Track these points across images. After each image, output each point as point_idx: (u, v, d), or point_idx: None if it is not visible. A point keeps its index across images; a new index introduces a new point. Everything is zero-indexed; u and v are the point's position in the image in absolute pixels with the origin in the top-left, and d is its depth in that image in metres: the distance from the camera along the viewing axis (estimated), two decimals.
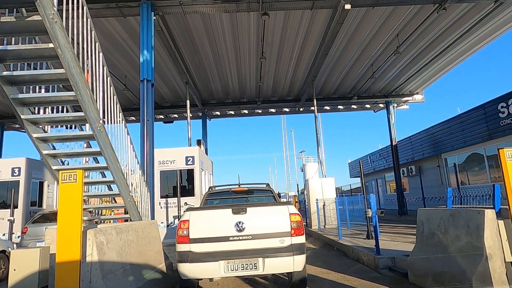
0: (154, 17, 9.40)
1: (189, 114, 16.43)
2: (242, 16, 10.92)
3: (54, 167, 5.32)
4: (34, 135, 4.89)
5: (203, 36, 12.10)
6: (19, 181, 13.39)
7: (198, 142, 16.20)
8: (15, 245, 8.61)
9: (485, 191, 9.67)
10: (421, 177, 19.53)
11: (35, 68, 4.98)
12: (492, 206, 4.33)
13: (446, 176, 18.02)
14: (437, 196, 18.54)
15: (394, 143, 20.14)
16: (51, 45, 3.98)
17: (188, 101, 15.96)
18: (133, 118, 19.10)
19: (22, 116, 4.67)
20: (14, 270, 3.83)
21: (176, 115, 20.60)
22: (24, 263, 3.80)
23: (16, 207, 12.74)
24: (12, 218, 11.57)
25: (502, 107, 12.90)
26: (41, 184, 14.68)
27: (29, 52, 4.15)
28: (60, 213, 3.39)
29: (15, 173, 13.46)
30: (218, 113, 20.79)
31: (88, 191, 6.63)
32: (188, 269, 4.40)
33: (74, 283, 3.29)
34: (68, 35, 4.14)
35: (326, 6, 10.12)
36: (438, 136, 17.92)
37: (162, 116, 20.28)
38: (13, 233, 11.45)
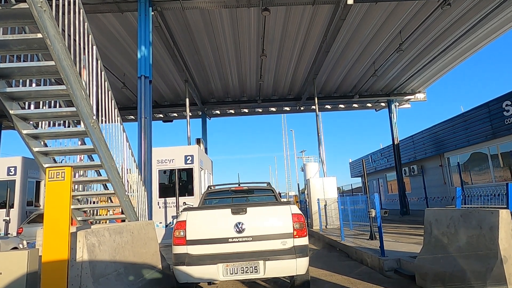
0: (152, 13, 9.20)
1: (188, 113, 16.22)
2: (242, 12, 10.70)
3: (46, 165, 5.09)
4: (24, 132, 4.65)
5: (202, 33, 11.87)
6: (15, 180, 13.19)
7: (198, 141, 15.95)
8: (25, 242, 8.40)
9: (489, 191, 9.47)
10: (423, 177, 19.29)
11: (25, 62, 4.75)
12: (505, 206, 4.09)
13: (448, 176, 17.80)
14: (440, 196, 18.31)
15: (396, 142, 19.93)
16: (39, 35, 3.75)
17: (187, 100, 15.73)
18: (132, 117, 18.85)
19: (11, 111, 4.43)
20: (1, 274, 3.62)
21: (175, 114, 20.42)
22: (11, 267, 3.59)
23: (12, 206, 12.52)
24: (7, 218, 11.37)
25: (507, 105, 12.69)
26: (37, 184, 14.47)
27: (16, 42, 3.92)
28: (46, 213, 3.17)
29: (11, 172, 13.26)
30: (218, 112, 20.57)
31: (84, 190, 6.41)
32: (185, 273, 4.18)
33: None
34: (58, 25, 3.92)
35: (328, 2, 9.92)
36: (441, 135, 17.70)
37: (161, 115, 20.09)
38: (9, 234, 11.23)
